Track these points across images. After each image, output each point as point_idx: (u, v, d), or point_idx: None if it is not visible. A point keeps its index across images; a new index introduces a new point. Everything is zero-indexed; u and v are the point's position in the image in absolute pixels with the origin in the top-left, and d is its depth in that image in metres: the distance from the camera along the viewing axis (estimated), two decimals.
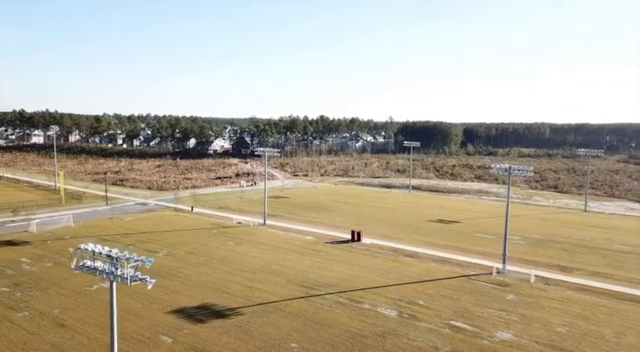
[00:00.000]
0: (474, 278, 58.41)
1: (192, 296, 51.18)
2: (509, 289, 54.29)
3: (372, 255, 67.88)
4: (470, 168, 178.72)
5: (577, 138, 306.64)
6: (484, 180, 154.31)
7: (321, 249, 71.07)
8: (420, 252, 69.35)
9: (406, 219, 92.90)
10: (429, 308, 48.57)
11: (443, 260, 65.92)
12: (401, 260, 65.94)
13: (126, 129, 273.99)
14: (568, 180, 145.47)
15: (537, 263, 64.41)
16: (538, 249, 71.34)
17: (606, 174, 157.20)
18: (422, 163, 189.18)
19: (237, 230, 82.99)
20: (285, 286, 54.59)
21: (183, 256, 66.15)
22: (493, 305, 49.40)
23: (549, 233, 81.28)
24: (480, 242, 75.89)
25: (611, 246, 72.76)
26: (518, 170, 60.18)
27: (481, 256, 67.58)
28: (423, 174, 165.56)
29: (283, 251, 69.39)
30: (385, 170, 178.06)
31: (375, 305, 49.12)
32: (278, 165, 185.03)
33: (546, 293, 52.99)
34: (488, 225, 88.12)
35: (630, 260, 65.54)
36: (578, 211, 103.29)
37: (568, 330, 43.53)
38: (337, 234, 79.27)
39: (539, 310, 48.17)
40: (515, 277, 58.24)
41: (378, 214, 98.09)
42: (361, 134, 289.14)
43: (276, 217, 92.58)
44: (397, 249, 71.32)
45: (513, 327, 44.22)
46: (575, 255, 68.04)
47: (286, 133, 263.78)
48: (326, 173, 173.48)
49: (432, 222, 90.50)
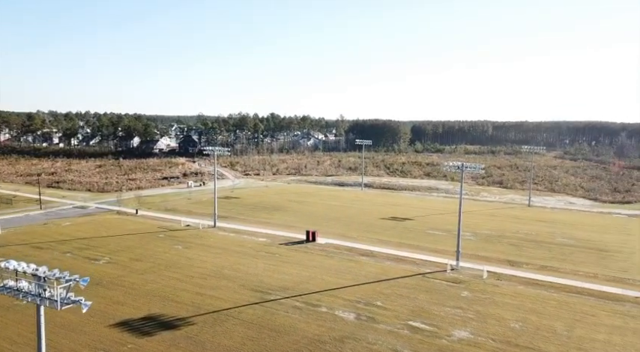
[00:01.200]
0: (429, 276, 58.48)
1: (138, 307, 47.63)
2: (464, 286, 54.69)
3: (327, 256, 66.59)
4: (419, 165, 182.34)
5: (517, 136, 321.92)
6: (433, 176, 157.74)
7: (275, 250, 68.96)
8: (376, 251, 68.88)
9: (360, 217, 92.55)
10: (387, 309, 47.84)
11: (398, 258, 65.73)
12: (356, 259, 65.10)
13: (63, 127, 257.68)
14: (511, 176, 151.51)
15: (488, 258, 65.64)
16: (488, 245, 72.90)
17: (545, 169, 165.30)
18: (373, 161, 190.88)
19: (186, 233, 79.15)
20: (239, 291, 52.12)
21: (126, 263, 61.89)
22: (449, 303, 49.43)
23: (498, 228, 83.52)
24: (433, 239, 76.61)
25: (556, 240, 75.65)
26: (470, 167, 60.84)
27: (435, 253, 68.03)
28: (374, 172, 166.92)
29: (235, 254, 66.66)
30: (337, 168, 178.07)
31: (332, 309, 47.76)
32: (228, 164, 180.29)
33: (499, 289, 53.80)
34: (439, 221, 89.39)
35: (574, 253, 68.24)
36: (522, 206, 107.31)
37: (522, 326, 44.12)
38: (291, 235, 77.40)
39: (493, 306, 48.67)
40: (468, 273, 58.86)
41: (332, 213, 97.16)
42: (313, 132, 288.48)
43: (227, 219, 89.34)
44: (352, 248, 70.48)
45: (470, 325, 44.28)
46: (523, 250, 70.04)
47: (236, 131, 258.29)
48: (278, 172, 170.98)
49: (386, 220, 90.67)
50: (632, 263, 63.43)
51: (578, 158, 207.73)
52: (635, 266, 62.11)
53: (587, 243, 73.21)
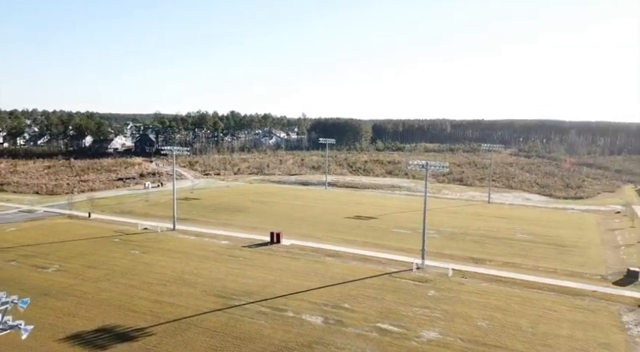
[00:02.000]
0: (396, 275, 58.13)
1: (91, 318, 44.51)
2: (430, 285, 54.62)
3: (293, 257, 65.09)
4: (381, 163, 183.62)
5: (474, 134, 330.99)
6: (395, 175, 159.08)
7: (239, 253, 66.79)
8: (342, 251, 68.01)
9: (325, 217, 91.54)
10: (355, 312, 46.93)
11: (364, 258, 65.11)
12: (322, 260, 63.96)
13: (7, 126, 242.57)
14: (471, 173, 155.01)
15: (453, 256, 66.11)
16: (452, 242, 73.57)
17: (502, 166, 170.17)
18: (336, 160, 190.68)
19: (144, 237, 75.56)
20: (201, 298, 49.81)
21: (79, 271, 58.10)
22: (416, 303, 49.12)
23: (460, 225, 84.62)
24: (398, 237, 76.60)
25: (516, 236, 77.35)
26: (434, 166, 60.95)
27: (400, 252, 67.89)
28: (337, 171, 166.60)
29: (197, 258, 64.02)
30: (301, 167, 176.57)
31: (299, 313, 46.36)
32: (187, 164, 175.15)
33: (464, 287, 54.06)
34: (403, 219, 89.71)
35: (534, 249, 69.87)
36: (482, 203, 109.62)
37: (488, 324, 44.29)
38: (255, 237, 75.36)
39: (459, 305, 48.73)
40: (434, 272, 58.93)
41: (297, 213, 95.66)
42: (275, 131, 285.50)
43: (188, 221, 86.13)
44: (318, 248, 69.30)
45: (438, 325, 44.03)
46: (486, 247, 71.09)
47: (195, 130, 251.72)
48: (239, 171, 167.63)
49: (351, 219, 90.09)
50: (587, 257, 65.53)
51: (531, 155, 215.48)
52: (591, 260, 64.19)
53: (546, 239, 75.25)
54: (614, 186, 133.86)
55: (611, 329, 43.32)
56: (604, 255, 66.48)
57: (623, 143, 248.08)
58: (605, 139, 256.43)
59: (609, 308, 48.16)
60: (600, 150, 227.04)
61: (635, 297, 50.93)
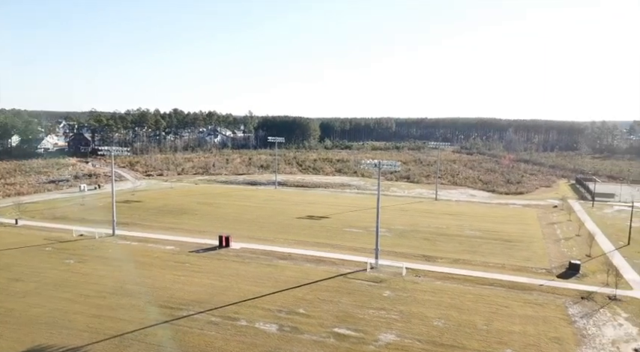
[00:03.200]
0: (350, 276, 57.12)
1: (18, 339, 40.00)
2: (385, 285, 54.05)
3: (243, 262, 62.43)
4: (330, 161, 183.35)
5: (418, 132, 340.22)
6: (344, 173, 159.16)
7: (186, 259, 63.18)
8: (294, 253, 66.15)
9: (276, 218, 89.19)
10: (311, 317, 45.32)
11: (317, 259, 63.64)
12: (275, 264, 61.81)
13: None
14: (417, 170, 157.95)
15: (405, 254, 66.14)
16: (404, 240, 73.76)
17: (447, 163, 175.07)
18: (285, 158, 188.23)
19: (80, 244, 69.94)
20: (145, 310, 46.25)
21: (3, 285, 52.46)
22: (372, 305, 48.27)
23: (411, 223, 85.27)
24: (350, 237, 75.83)
25: (464, 232, 78.89)
26: (387, 165, 60.51)
27: (353, 252, 67.06)
28: (286, 170, 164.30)
29: (140, 266, 59.82)
30: (248, 166, 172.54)
31: (252, 321, 44.08)
32: (127, 165, 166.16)
33: (419, 286, 53.94)
34: (355, 218, 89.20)
35: (482, 245, 71.42)
36: (430, 200, 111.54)
37: (444, 323, 44.17)
38: (203, 241, 71.80)
39: (415, 305, 48.40)
40: (388, 271, 58.50)
41: (246, 214, 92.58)
42: (220, 129, 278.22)
43: (129, 226, 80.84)
44: (270, 251, 67.03)
45: (395, 327, 43.34)
46: (437, 244, 71.84)
47: (135, 128, 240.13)
48: (184, 171, 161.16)
49: (302, 219, 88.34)
50: (532, 251, 67.78)
51: (473, 152, 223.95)
52: (536, 254, 66.42)
53: (492, 234, 77.28)
54: (550, 181, 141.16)
55: (560, 322, 44.51)
56: (547, 249, 69.08)
57: (555, 140, 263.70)
58: (539, 136, 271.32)
59: (556, 301, 49.64)
60: (535, 147, 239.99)
61: (578, 289, 52.93)
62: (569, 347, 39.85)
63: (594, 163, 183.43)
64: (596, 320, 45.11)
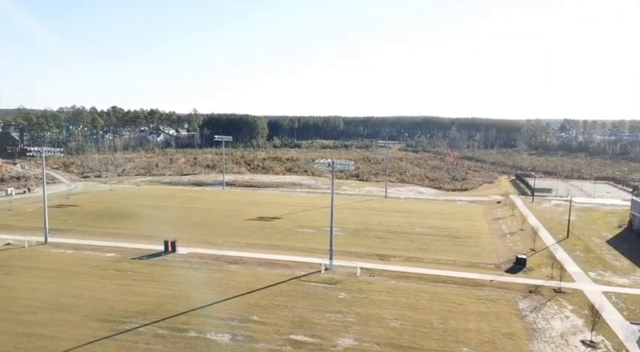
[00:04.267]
0: (305, 279, 55.66)
1: None
2: (340, 286, 53.06)
3: (192, 268, 59.27)
4: (279, 160, 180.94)
5: (365, 130, 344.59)
6: (294, 172, 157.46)
7: (128, 267, 59.08)
8: (245, 257, 63.74)
9: (225, 220, 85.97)
10: (265, 324, 43.41)
11: (270, 262, 61.63)
12: (225, 268, 59.16)
13: None
14: (366, 168, 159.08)
15: (359, 254, 65.60)
16: (357, 240, 73.28)
17: (394, 161, 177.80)
18: (232, 157, 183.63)
19: (6, 254, 63.78)
20: (82, 325, 42.47)
21: None
22: (329, 308, 47.08)
23: (362, 221, 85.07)
24: (303, 237, 74.34)
25: (415, 230, 79.67)
26: (341, 164, 59.60)
27: (307, 253, 65.65)
28: (234, 169, 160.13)
29: (76, 276, 55.23)
30: (194, 166, 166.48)
31: (203, 332, 41.54)
32: (61, 166, 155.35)
33: (374, 286, 53.39)
34: (307, 218, 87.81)
35: (433, 242, 72.30)
36: (380, 198, 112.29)
37: (401, 324, 43.74)
38: (147, 247, 67.64)
39: (371, 306, 47.72)
40: (342, 272, 57.58)
41: (193, 217, 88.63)
42: (163, 127, 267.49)
43: (63, 232, 74.95)
44: (220, 256, 64.19)
45: (353, 330, 42.36)
46: (389, 242, 71.90)
47: (69, 127, 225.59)
48: (124, 172, 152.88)
49: (253, 221, 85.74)
50: (481, 247, 69.41)
51: (418, 150, 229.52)
52: (485, 250, 68.05)
53: (442, 231, 78.56)
54: (492, 177, 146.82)
55: (512, 317, 45.37)
56: (494, 244, 71.01)
57: (494, 138, 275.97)
58: (480, 134, 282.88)
59: (506, 296, 50.71)
60: (477, 145, 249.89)
61: (526, 283, 54.50)
62: (522, 342, 40.56)
63: (531, 159, 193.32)
64: (545, 313, 46.42)
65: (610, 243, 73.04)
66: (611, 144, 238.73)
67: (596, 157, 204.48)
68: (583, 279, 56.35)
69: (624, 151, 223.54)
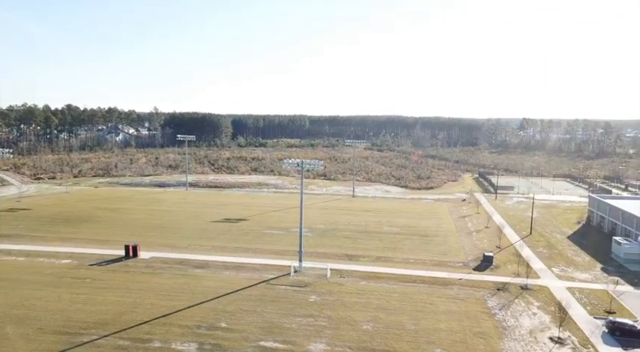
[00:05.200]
0: (274, 282, 54.24)
1: None
2: (310, 289, 51.97)
3: (155, 273, 56.69)
4: (244, 160, 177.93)
5: (331, 129, 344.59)
6: (260, 171, 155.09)
7: (86, 274, 55.91)
8: (212, 261, 61.62)
9: (189, 222, 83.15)
10: (234, 331, 41.79)
11: (237, 266, 59.80)
12: (191, 273, 56.93)
13: None
14: (333, 168, 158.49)
15: (328, 255, 64.75)
16: (326, 240, 72.38)
17: (360, 160, 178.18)
18: (196, 157, 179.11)
19: None
20: (36, 339, 39.67)
21: None
22: (299, 312, 45.90)
23: (331, 221, 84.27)
24: (271, 239, 72.77)
25: (383, 229, 79.56)
26: (310, 164, 58.48)
27: (275, 255, 64.21)
28: (198, 169, 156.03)
29: (29, 285, 51.75)
30: (155, 166, 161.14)
31: (167, 341, 39.52)
32: (11, 167, 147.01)
33: (344, 288, 52.60)
34: (275, 219, 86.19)
35: (402, 240, 72.32)
36: (348, 197, 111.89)
37: (373, 326, 43.10)
38: (106, 252, 64.38)
39: (342, 308, 46.89)
40: (312, 274, 56.53)
41: (156, 220, 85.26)
42: (122, 126, 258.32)
43: (13, 238, 70.52)
44: (184, 259, 61.80)
45: (324, 335, 41.36)
46: (358, 242, 71.40)
47: (20, 126, 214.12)
48: (81, 173, 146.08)
49: (219, 223, 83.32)
50: (449, 246, 69.95)
51: (384, 149, 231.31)
52: (452, 248, 68.61)
53: (410, 230, 78.81)
54: (456, 175, 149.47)
55: (482, 316, 45.58)
56: (461, 242, 71.76)
57: (457, 136, 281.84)
58: (443, 133, 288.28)
59: (475, 295, 51.04)
60: (440, 143, 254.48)
61: (494, 281, 55.12)
62: (493, 341, 40.70)
63: (492, 158, 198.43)
64: (513, 311, 46.92)
65: (570, 238, 75.33)
66: (566, 143, 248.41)
67: (553, 155, 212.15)
68: (547, 275, 57.59)
69: (578, 149, 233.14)
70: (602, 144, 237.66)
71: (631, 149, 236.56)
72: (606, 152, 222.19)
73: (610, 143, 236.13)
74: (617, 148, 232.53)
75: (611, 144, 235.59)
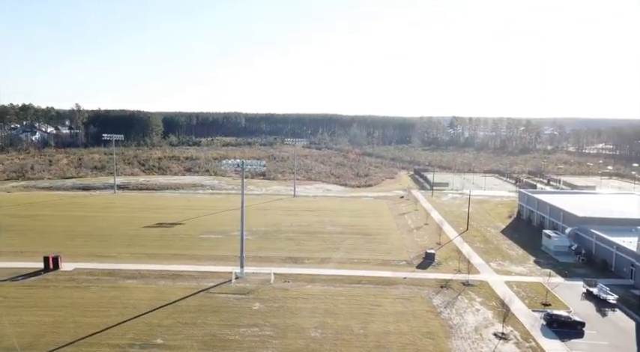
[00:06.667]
0: (214, 290, 51.09)
1: None
2: (254, 296, 49.45)
3: (79, 287, 51.42)
4: (177, 160, 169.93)
5: (267, 127, 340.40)
6: (195, 172, 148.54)
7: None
8: (145, 270, 57.11)
9: (118, 229, 76.99)
10: (172, 347, 38.55)
11: (174, 274, 55.83)
12: (121, 285, 52.27)
13: None
14: (272, 167, 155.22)
15: (271, 258, 62.43)
16: (268, 243, 69.90)
17: (299, 159, 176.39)
18: (124, 157, 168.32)
19: None
20: None
21: None
22: (243, 322, 43.32)
23: (273, 223, 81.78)
24: (209, 244, 69.06)
25: (326, 229, 78.39)
26: (251, 165, 55.73)
27: (215, 261, 60.84)
28: (127, 170, 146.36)
29: None
30: (78, 168, 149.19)
31: None
32: None
33: (289, 293, 50.61)
34: (212, 222, 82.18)
35: (345, 240, 71.49)
36: (289, 197, 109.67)
37: (322, 333, 41.53)
38: (21, 265, 57.69)
39: (289, 315, 44.90)
40: (255, 280, 53.98)
41: (80, 227, 78.15)
42: (39, 124, 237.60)
43: None
44: (114, 270, 56.77)
45: (271, 345, 39.19)
46: (301, 244, 69.63)
47: None
48: None
49: (151, 228, 77.91)
50: (391, 244, 70.10)
51: (322, 147, 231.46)
52: (395, 246, 68.80)
53: (353, 229, 78.30)
54: (392, 172, 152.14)
55: (428, 315, 45.52)
56: (403, 240, 72.23)
57: (392, 134, 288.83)
58: (378, 131, 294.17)
59: (421, 293, 51.09)
60: (376, 141, 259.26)
61: (437, 278, 55.64)
62: (441, 340, 40.61)
63: (426, 155, 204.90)
64: (458, 308, 47.36)
65: (504, 233, 78.51)
66: (492, 140, 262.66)
67: (481, 152, 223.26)
68: (486, 270, 59.16)
69: (503, 146, 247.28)
70: (524, 141, 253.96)
71: (549, 145, 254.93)
72: (528, 148, 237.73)
73: (531, 140, 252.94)
74: (537, 145, 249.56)
75: (531, 141, 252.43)
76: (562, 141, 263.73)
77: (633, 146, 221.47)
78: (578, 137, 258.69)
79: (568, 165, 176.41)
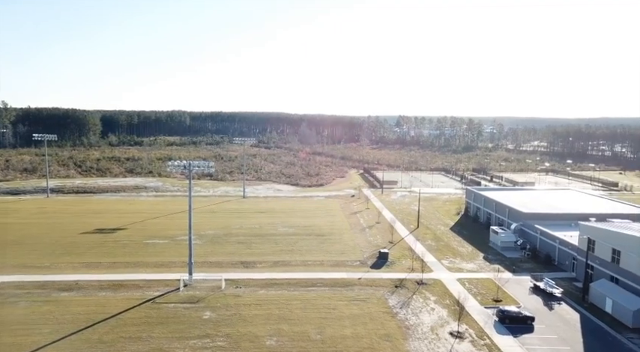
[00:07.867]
0: (160, 300, 47.95)
1: None
2: (204, 304, 46.82)
3: (5, 302, 46.62)
4: (118, 161, 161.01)
5: (214, 126, 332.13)
6: (137, 173, 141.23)
7: None
8: (82, 280, 52.79)
9: (52, 236, 71.05)
10: None
11: (115, 284, 51.93)
12: (55, 298, 47.91)
13: None
14: (219, 167, 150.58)
15: (221, 263, 59.80)
16: (217, 247, 67.02)
17: (248, 158, 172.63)
18: (58, 159, 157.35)
19: None
20: None
21: None
22: (193, 333, 40.76)
23: (222, 226, 78.72)
24: (155, 250, 65.20)
25: (278, 230, 76.45)
26: (199, 166, 52.81)
27: (161, 268, 57.38)
28: (61, 173, 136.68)
29: None
30: (6, 170, 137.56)
31: None
32: None
33: (242, 300, 48.39)
34: (157, 226, 77.89)
35: (298, 242, 69.93)
36: (238, 198, 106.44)
37: (277, 341, 39.81)
38: None
39: (242, 324, 42.78)
40: (205, 287, 51.27)
41: (7, 235, 71.47)
42: None
43: None
44: (46, 282, 52.05)
45: None
46: (253, 247, 67.33)
47: None
48: None
49: (90, 234, 72.57)
50: (345, 244, 69.34)
51: (271, 146, 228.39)
52: (348, 246, 68.10)
53: (305, 230, 76.88)
54: (343, 171, 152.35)
55: (385, 317, 44.92)
56: (356, 240, 71.70)
57: (341, 133, 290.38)
58: (327, 130, 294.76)
59: (376, 294, 50.51)
60: (326, 140, 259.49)
61: (391, 278, 55.35)
62: (399, 342, 40.06)
63: (374, 153, 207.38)
64: (413, 308, 47.16)
65: (453, 229, 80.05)
66: (436, 138, 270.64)
67: (427, 150, 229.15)
68: (439, 268, 59.67)
69: (447, 144, 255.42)
70: (466, 139, 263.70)
71: (489, 143, 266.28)
72: (470, 146, 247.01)
73: (473, 138, 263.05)
74: (479, 143, 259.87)
75: (474, 139, 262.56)
76: (501, 139, 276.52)
77: (566, 143, 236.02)
78: (516, 135, 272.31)
79: (508, 162, 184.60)
